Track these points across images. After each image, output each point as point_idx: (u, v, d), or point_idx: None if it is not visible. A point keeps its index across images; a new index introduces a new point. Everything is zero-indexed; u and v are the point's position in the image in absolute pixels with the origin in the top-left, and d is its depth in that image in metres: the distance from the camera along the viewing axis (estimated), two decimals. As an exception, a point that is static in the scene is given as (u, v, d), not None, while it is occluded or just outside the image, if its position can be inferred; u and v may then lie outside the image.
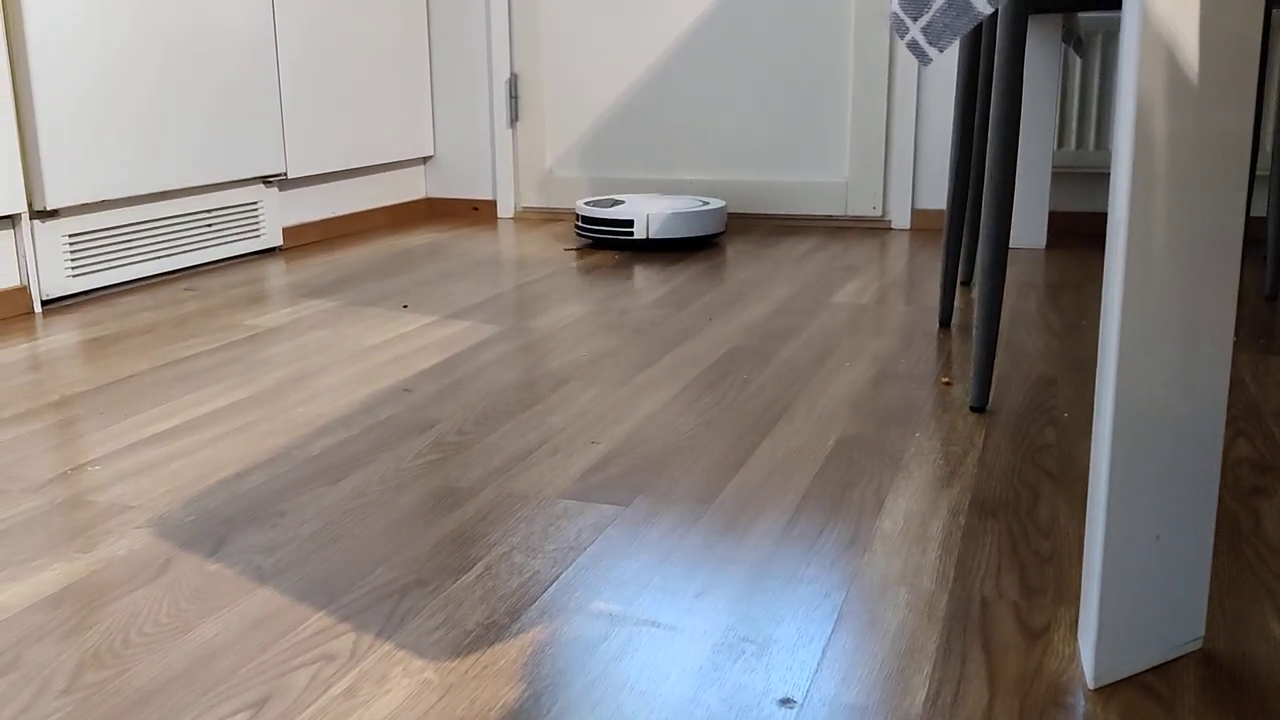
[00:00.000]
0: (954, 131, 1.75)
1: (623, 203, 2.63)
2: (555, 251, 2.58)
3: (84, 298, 2.14)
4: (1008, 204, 1.37)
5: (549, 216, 3.15)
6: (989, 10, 0.58)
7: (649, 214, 2.52)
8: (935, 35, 0.62)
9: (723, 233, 2.70)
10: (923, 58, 0.64)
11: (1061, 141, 2.63)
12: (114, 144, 2.14)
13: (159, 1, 2.21)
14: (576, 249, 2.60)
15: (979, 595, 0.93)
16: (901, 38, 0.66)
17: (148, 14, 2.19)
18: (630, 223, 2.53)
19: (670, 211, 2.53)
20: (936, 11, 0.62)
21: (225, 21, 2.38)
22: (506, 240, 2.77)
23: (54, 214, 2.06)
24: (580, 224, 2.63)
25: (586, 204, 2.64)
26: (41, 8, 1.97)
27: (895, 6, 0.63)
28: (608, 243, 2.63)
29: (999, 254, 1.37)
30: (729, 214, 2.98)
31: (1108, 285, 0.76)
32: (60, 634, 0.88)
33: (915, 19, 0.63)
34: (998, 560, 0.99)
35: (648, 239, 2.53)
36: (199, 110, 2.33)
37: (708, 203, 2.65)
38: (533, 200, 3.17)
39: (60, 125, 2.03)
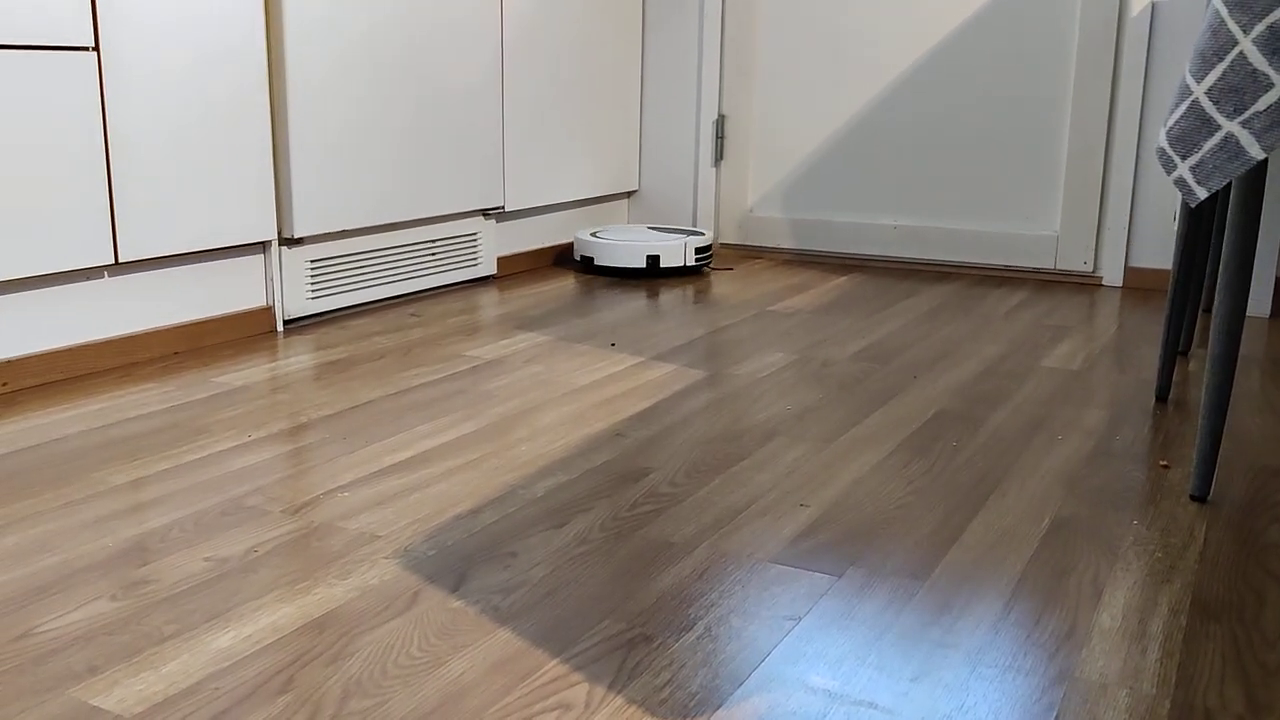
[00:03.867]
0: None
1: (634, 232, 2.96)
2: (755, 293, 2.63)
3: (320, 318, 2.31)
4: (1245, 282, 1.33)
5: (746, 254, 3.20)
6: (1263, 156, 0.59)
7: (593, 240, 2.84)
8: (1205, 176, 0.63)
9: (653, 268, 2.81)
10: (1190, 195, 0.65)
11: (1293, 205, 2.51)
12: (354, 180, 2.30)
13: (405, 58, 2.37)
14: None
15: (1202, 706, 0.92)
16: (1169, 174, 0.68)
17: (394, 68, 2.35)
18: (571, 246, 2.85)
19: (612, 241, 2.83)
20: (1207, 153, 0.64)
21: (461, 72, 2.53)
22: (703, 278, 2.83)
23: (299, 241, 2.24)
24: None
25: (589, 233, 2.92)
26: (300, 64, 2.15)
27: (1163, 142, 0.65)
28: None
29: (1232, 339, 1.34)
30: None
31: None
32: (326, 659, 0.98)
33: (1184, 158, 0.64)
34: (1221, 669, 0.98)
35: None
36: (432, 150, 2.48)
37: (702, 233, 2.91)
38: (731, 237, 3.22)
39: (309, 163, 2.20)
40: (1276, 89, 0.58)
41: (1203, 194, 0.65)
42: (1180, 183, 0.65)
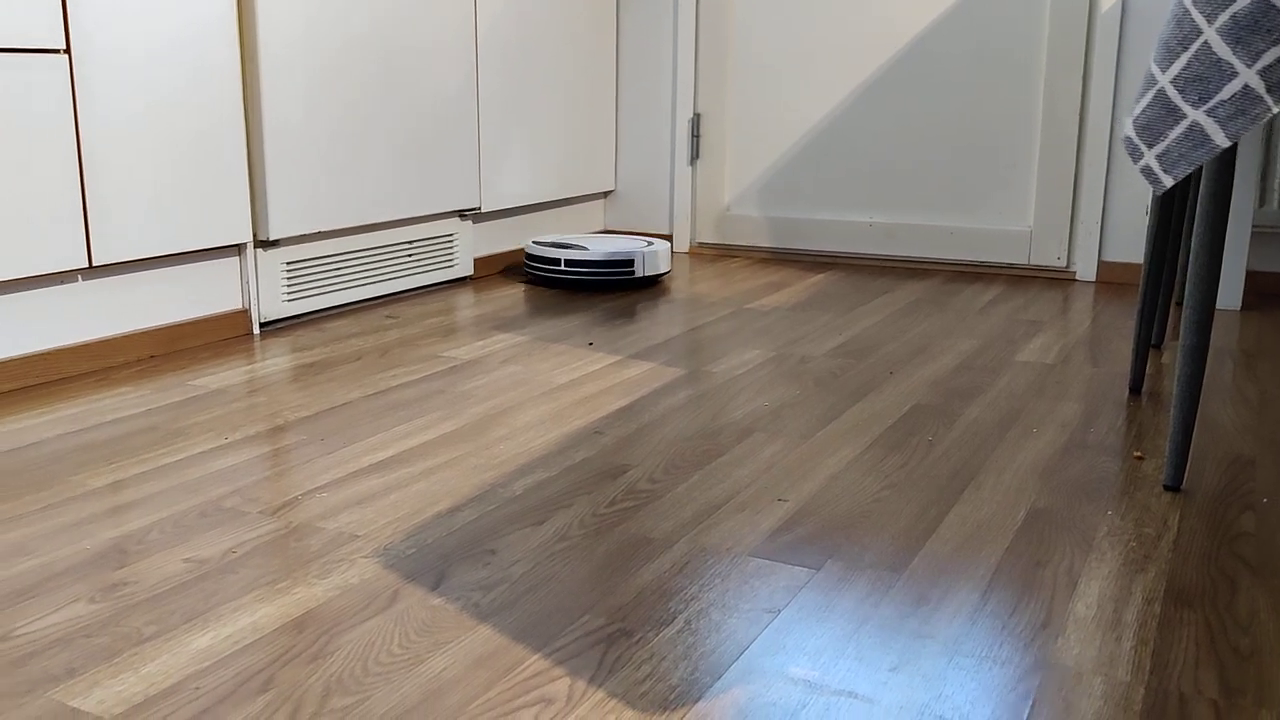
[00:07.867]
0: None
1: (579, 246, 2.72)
2: (732, 291, 2.64)
3: (296, 321, 2.30)
4: (1214, 274, 1.34)
5: (723, 253, 3.21)
6: (1228, 144, 0.60)
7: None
8: (1171, 164, 0.64)
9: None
10: (1156, 184, 0.66)
11: (1263, 200, 2.54)
12: (330, 181, 2.30)
13: (382, 59, 2.36)
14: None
15: (1176, 691, 0.93)
16: (1136, 162, 0.69)
17: (370, 68, 2.35)
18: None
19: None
20: (1173, 141, 0.65)
21: (437, 74, 2.52)
22: (681, 276, 2.84)
23: (275, 243, 2.23)
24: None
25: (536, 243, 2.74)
26: (276, 66, 2.14)
27: (1130, 131, 0.66)
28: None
29: (1203, 330, 1.35)
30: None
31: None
32: (307, 657, 0.98)
33: (1150, 146, 0.65)
34: (1195, 654, 0.99)
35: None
36: (408, 151, 2.48)
37: (651, 243, 2.75)
38: (708, 237, 3.23)
39: (284, 164, 2.19)
40: (1240, 78, 0.59)
41: (1169, 182, 0.66)
42: (1147, 171, 0.66)
